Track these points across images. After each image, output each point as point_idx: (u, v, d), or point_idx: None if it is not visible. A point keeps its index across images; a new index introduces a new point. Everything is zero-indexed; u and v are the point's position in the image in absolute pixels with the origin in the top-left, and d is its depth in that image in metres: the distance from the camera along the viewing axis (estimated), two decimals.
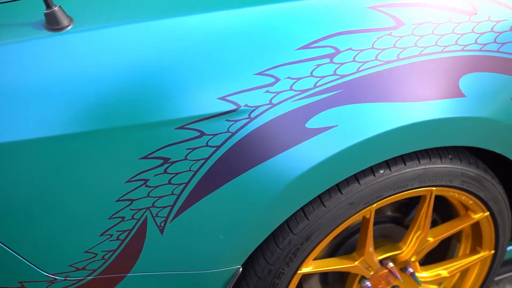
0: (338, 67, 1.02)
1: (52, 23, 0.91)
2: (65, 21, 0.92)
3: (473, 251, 1.43)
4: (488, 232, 1.37)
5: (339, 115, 1.03)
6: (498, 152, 1.21)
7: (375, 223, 1.39)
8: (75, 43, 0.92)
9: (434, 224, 1.45)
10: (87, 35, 0.93)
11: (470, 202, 1.29)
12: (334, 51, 1.01)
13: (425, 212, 1.25)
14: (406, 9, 1.06)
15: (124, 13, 0.97)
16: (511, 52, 1.13)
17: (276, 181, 1.04)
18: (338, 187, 1.13)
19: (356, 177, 1.13)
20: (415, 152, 1.17)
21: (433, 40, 1.07)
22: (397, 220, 1.42)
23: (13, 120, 0.90)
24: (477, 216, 1.32)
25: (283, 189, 1.04)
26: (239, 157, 1.02)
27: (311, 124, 1.02)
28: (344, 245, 1.37)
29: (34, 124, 0.90)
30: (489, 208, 1.31)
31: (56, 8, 0.90)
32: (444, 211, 1.42)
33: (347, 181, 1.13)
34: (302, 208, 1.14)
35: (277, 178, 1.03)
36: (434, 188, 1.21)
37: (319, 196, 1.14)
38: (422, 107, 1.07)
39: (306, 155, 1.03)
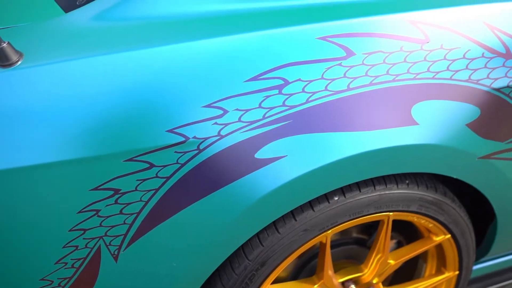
0: (287, 98, 1.06)
1: (2, 59, 0.95)
2: (14, 57, 0.96)
3: (439, 271, 1.48)
4: (451, 254, 1.41)
5: (289, 146, 1.07)
6: (455, 177, 1.24)
7: (339, 245, 1.43)
8: (23, 79, 0.96)
9: (400, 245, 1.49)
10: (34, 70, 0.97)
11: (430, 225, 1.33)
12: (283, 82, 1.05)
13: (384, 236, 1.29)
14: (356, 39, 1.10)
15: (73, 48, 1.01)
16: (465, 80, 1.17)
17: (226, 211, 1.08)
18: (292, 214, 1.17)
19: (311, 204, 1.17)
20: (371, 178, 1.21)
21: (384, 69, 1.11)
22: (362, 241, 1.46)
23: None
24: (438, 239, 1.37)
25: (234, 219, 1.09)
26: (189, 188, 1.06)
27: (261, 154, 1.06)
28: (307, 267, 1.41)
29: None
30: (450, 231, 1.35)
31: (4, 45, 0.94)
32: (410, 232, 1.46)
33: (301, 208, 1.18)
34: (257, 234, 1.19)
35: (228, 207, 1.08)
36: (391, 213, 1.25)
37: (274, 223, 1.18)
38: (374, 136, 1.11)
39: (256, 185, 1.07)
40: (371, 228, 1.46)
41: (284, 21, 1.08)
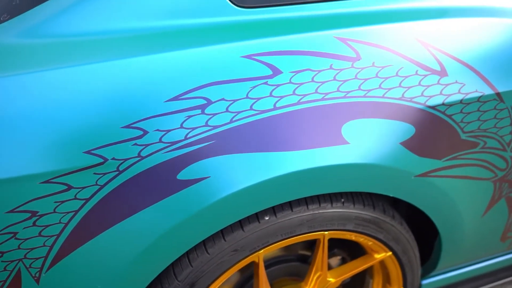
0: (210, 118, 1.07)
1: None
2: None
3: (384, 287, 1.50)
4: (394, 270, 1.44)
5: (213, 166, 1.09)
6: (392, 195, 1.26)
7: (281, 262, 1.45)
8: None
9: (345, 261, 1.51)
10: None
11: (370, 243, 1.35)
12: (206, 102, 1.07)
13: (321, 254, 1.31)
14: (283, 57, 1.11)
15: None
16: (398, 98, 1.18)
17: (149, 232, 1.09)
18: (222, 233, 1.19)
19: (241, 224, 1.19)
20: (304, 197, 1.22)
21: (313, 88, 1.13)
22: (305, 258, 1.48)
23: None
24: (379, 256, 1.39)
25: (156, 239, 1.10)
26: (110, 209, 1.07)
27: (183, 175, 1.07)
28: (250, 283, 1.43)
29: None
30: (391, 248, 1.38)
31: None
32: (354, 248, 1.47)
33: (231, 228, 1.19)
34: (187, 254, 1.20)
35: (151, 229, 1.09)
36: (326, 232, 1.26)
37: (203, 243, 1.19)
38: (303, 155, 1.13)
39: (179, 206, 1.08)
40: (314, 245, 1.47)
41: (207, 40, 1.09)
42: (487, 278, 1.78)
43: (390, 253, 1.40)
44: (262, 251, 1.24)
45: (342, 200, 1.27)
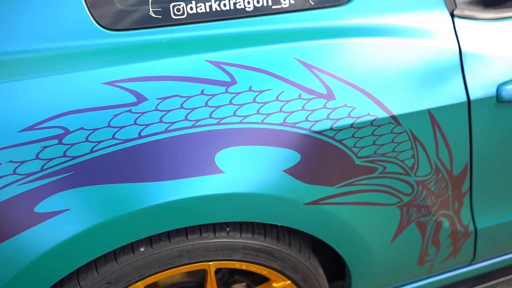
0: (68, 148, 1.09)
1: None
2: None
3: None
4: None
5: (72, 198, 1.10)
6: (280, 224, 1.27)
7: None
8: None
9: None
10: None
11: (265, 272, 1.36)
12: (63, 132, 1.08)
13: (210, 284, 1.32)
14: (149, 83, 1.13)
15: None
16: (279, 123, 1.20)
17: (6, 268, 1.10)
18: (95, 265, 1.20)
19: (115, 255, 1.20)
20: (185, 227, 1.23)
21: (182, 115, 1.14)
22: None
23: None
24: (278, 285, 1.40)
25: (16, 275, 1.11)
26: None
27: (41, 208, 1.09)
28: None
29: None
30: (289, 277, 1.38)
31: None
32: (258, 275, 1.49)
33: (105, 259, 1.20)
34: (61, 286, 1.21)
35: (7, 264, 1.10)
36: (211, 263, 1.27)
37: (77, 275, 1.20)
38: (172, 186, 1.16)
39: (37, 240, 1.09)
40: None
41: (68, 65, 1.10)
42: None
43: (288, 281, 1.41)
44: (139, 283, 1.25)
45: (228, 229, 1.28)
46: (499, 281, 1.93)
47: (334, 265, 1.66)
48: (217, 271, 1.48)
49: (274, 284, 1.43)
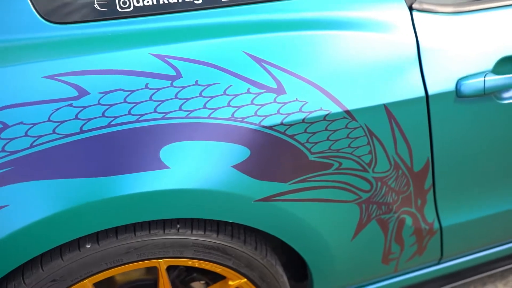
0: (7, 142, 1.08)
1: None
2: None
3: None
4: None
5: (11, 194, 1.09)
6: (231, 221, 1.26)
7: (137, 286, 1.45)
8: None
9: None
10: None
11: (219, 269, 1.35)
12: (1, 126, 1.07)
13: (162, 282, 1.31)
14: (91, 77, 1.12)
15: None
16: (227, 118, 1.20)
17: None
18: (41, 262, 1.19)
19: (61, 252, 1.19)
20: (133, 224, 1.22)
21: (126, 109, 1.13)
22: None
23: None
24: (234, 283, 1.39)
25: None
26: None
27: None
28: None
29: None
30: (245, 275, 1.37)
31: None
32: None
33: (50, 256, 1.19)
34: (6, 284, 1.20)
35: None
36: (161, 260, 1.26)
37: (22, 273, 1.19)
38: (115, 181, 1.14)
39: None
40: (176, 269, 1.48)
41: (7, 59, 1.10)
42: None
43: (244, 279, 1.40)
44: (87, 280, 1.24)
45: (178, 226, 1.27)
46: (472, 279, 1.93)
47: (302, 264, 1.65)
48: (174, 268, 1.48)
49: (230, 282, 1.42)
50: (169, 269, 1.51)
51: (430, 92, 1.36)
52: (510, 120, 1.47)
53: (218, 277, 1.50)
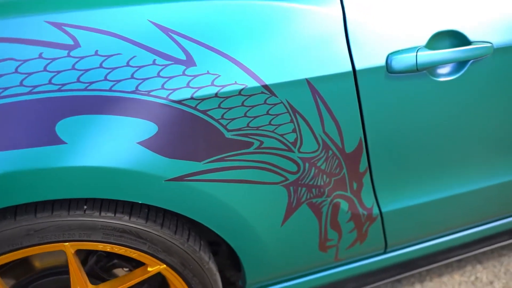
0: None
1: None
2: None
3: None
4: (179, 285, 1.37)
5: None
6: (141, 202, 1.21)
7: (55, 273, 1.39)
8: None
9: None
10: None
11: (134, 255, 1.29)
12: None
13: (72, 267, 1.25)
14: None
15: None
16: (131, 91, 1.14)
17: None
18: None
19: None
20: (35, 204, 1.16)
21: (17, 80, 1.07)
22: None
23: None
24: (152, 269, 1.33)
25: None
26: None
27: None
28: None
29: None
30: (164, 261, 1.31)
31: None
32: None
33: None
34: None
35: None
36: (67, 244, 1.20)
37: None
38: (5, 156, 1.07)
39: None
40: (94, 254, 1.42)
41: None
42: None
43: (163, 266, 1.34)
44: None
45: (85, 207, 1.21)
46: (427, 268, 1.87)
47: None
48: (93, 254, 1.42)
49: (149, 268, 1.36)
50: (89, 255, 1.45)
51: (357, 67, 1.29)
52: (447, 98, 1.40)
53: (141, 264, 1.44)
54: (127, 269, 1.49)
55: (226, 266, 1.73)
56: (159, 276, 1.49)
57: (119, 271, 1.49)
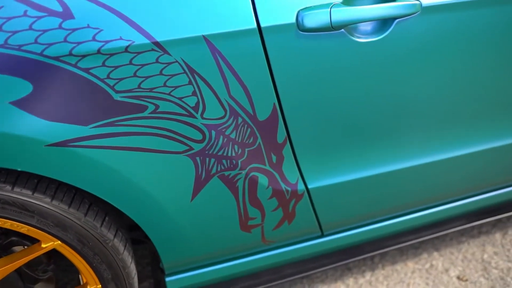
0: None
1: None
2: None
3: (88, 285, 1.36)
4: (79, 264, 1.30)
5: None
6: (19, 169, 1.12)
7: None
8: None
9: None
10: None
11: (24, 229, 1.22)
12: None
13: None
14: None
15: None
16: None
17: None
18: None
19: None
20: None
21: None
22: None
23: None
24: (47, 245, 1.25)
25: None
26: None
27: None
28: None
29: None
30: (56, 236, 1.23)
31: None
32: None
33: None
34: None
35: None
36: None
37: None
38: None
39: None
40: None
41: None
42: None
43: (58, 241, 1.25)
44: None
45: None
46: (374, 254, 1.76)
47: None
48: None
49: (43, 245, 1.28)
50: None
51: (263, 24, 1.20)
52: (369, 61, 1.30)
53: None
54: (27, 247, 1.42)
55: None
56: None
57: (18, 249, 1.42)
